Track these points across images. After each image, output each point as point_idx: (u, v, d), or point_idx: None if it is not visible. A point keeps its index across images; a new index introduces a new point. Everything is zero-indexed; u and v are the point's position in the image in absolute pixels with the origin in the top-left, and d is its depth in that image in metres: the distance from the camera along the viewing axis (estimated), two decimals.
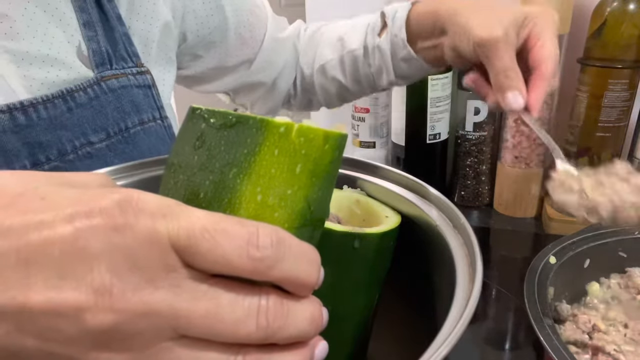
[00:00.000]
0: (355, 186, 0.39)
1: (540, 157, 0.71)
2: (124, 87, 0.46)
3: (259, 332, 0.19)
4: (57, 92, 0.41)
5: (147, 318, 0.18)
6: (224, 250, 0.18)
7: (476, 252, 0.29)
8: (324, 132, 0.23)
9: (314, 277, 0.21)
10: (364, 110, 0.80)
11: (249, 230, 0.19)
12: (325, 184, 0.24)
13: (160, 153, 0.50)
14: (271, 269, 0.19)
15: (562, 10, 0.62)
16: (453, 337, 0.23)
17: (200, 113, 0.24)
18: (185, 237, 0.18)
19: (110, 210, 0.18)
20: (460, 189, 0.80)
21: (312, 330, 0.21)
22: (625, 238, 0.51)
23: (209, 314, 0.18)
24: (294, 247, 0.20)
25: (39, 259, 0.17)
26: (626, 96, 0.62)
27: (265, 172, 0.22)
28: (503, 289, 0.59)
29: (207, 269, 0.18)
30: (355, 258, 0.33)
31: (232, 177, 0.22)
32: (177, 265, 0.18)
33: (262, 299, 0.19)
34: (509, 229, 0.73)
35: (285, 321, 0.19)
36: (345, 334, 0.35)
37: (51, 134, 0.41)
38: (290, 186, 0.23)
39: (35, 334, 0.17)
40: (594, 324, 0.45)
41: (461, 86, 0.74)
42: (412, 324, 0.35)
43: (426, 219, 0.34)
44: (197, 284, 0.18)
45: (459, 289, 0.27)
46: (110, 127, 0.45)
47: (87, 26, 0.44)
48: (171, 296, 0.18)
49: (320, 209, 0.24)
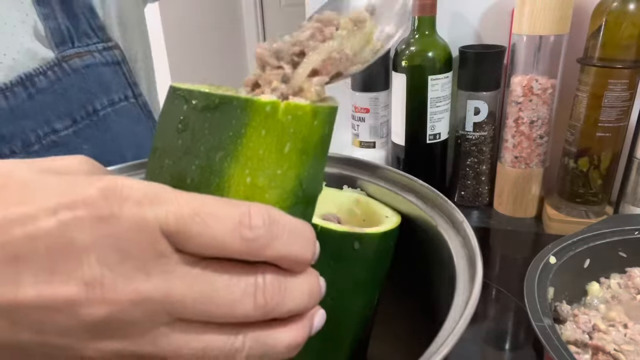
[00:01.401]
0: (355, 186, 0.39)
1: (540, 157, 0.71)
2: (88, 67, 0.42)
3: (257, 310, 0.19)
4: (15, 79, 0.38)
5: (141, 306, 0.17)
6: (215, 232, 0.18)
7: (476, 252, 0.29)
8: (312, 108, 0.22)
9: (309, 253, 0.20)
10: (364, 110, 0.80)
11: (241, 210, 0.18)
12: (316, 160, 0.24)
13: (135, 133, 0.47)
14: (265, 248, 0.19)
15: (562, 10, 0.62)
16: (453, 337, 0.23)
17: (181, 94, 0.23)
18: (175, 222, 0.18)
19: (95, 200, 0.17)
20: (460, 189, 0.80)
21: (312, 303, 0.21)
22: (625, 238, 0.51)
23: (203, 297, 0.18)
24: (287, 225, 0.19)
25: (26, 255, 0.17)
26: (626, 96, 0.62)
27: (253, 153, 0.22)
28: (503, 289, 0.59)
29: (199, 252, 0.18)
30: (355, 258, 0.33)
31: (218, 161, 0.21)
32: (168, 251, 0.18)
33: (259, 278, 0.19)
34: (509, 229, 0.73)
35: (283, 297, 0.19)
36: (345, 333, 0.35)
37: (13, 125, 0.39)
38: (280, 166, 0.22)
39: (30, 329, 0.17)
40: (594, 324, 0.45)
41: (461, 86, 0.74)
42: (412, 324, 0.35)
43: (426, 219, 0.34)
44: (189, 269, 0.18)
45: (459, 289, 0.27)
46: (75, 112, 0.42)
47: (41, 3, 0.41)
48: (164, 283, 0.18)
49: (312, 186, 0.24)
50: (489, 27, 0.75)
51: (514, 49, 0.68)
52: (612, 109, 0.62)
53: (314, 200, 0.25)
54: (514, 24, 0.67)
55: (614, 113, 0.63)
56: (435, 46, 0.71)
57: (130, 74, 0.46)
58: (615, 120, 0.63)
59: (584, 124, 0.65)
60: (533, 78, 0.67)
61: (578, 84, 0.65)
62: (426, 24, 0.71)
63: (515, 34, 0.67)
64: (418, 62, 0.72)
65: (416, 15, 0.70)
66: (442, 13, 0.73)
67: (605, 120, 0.63)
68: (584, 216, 0.69)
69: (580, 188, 0.69)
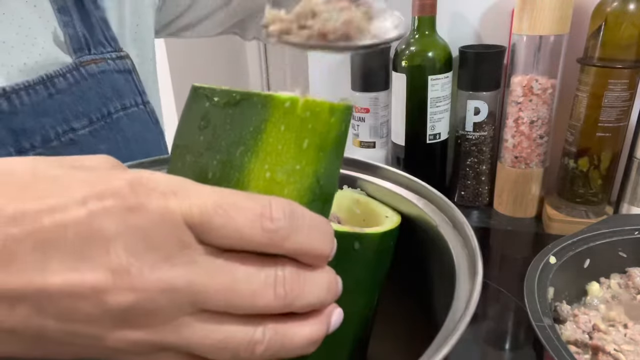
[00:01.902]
0: (355, 186, 0.39)
1: (540, 157, 0.71)
2: (103, 72, 0.45)
3: (277, 301, 0.19)
4: (37, 78, 0.41)
5: (166, 295, 0.18)
6: (238, 224, 0.18)
7: (476, 252, 0.29)
8: (330, 105, 0.23)
9: (328, 248, 0.21)
10: (364, 110, 0.80)
11: (262, 203, 0.19)
12: (333, 157, 0.24)
13: (145, 139, 0.50)
14: (285, 240, 0.19)
15: (562, 10, 0.62)
16: (453, 337, 0.23)
17: (203, 92, 0.23)
18: (199, 214, 0.18)
19: (122, 191, 0.18)
20: (460, 189, 0.80)
21: (330, 298, 0.21)
22: (625, 238, 0.51)
23: (226, 287, 0.19)
24: (307, 219, 0.20)
25: (55, 243, 0.17)
26: (626, 96, 0.62)
27: (273, 148, 0.22)
28: (503, 289, 0.59)
29: (222, 244, 0.19)
30: (356, 258, 0.33)
31: (239, 156, 0.22)
32: (192, 241, 0.18)
33: (279, 270, 0.19)
34: (509, 229, 0.73)
35: (303, 290, 0.20)
36: (345, 333, 0.35)
37: (34, 120, 0.41)
38: (299, 161, 0.22)
39: (55, 316, 0.18)
40: (594, 323, 0.45)
41: (461, 86, 0.74)
42: (412, 324, 0.35)
43: (426, 219, 0.34)
44: (212, 259, 0.19)
45: (459, 289, 0.27)
46: (92, 113, 0.44)
47: (62, 12, 0.44)
48: (188, 272, 0.18)
49: (329, 183, 0.24)
50: (489, 27, 0.75)
51: (514, 49, 0.68)
52: (612, 109, 0.62)
53: (330, 198, 0.25)
54: (514, 24, 0.67)
55: (614, 113, 0.63)
56: (435, 46, 0.71)
57: (140, 82, 0.49)
58: (615, 120, 0.63)
59: (584, 124, 0.65)
60: (533, 78, 0.67)
61: (578, 84, 0.65)
62: (426, 24, 0.71)
63: (515, 34, 0.68)
64: (418, 62, 0.72)
65: (416, 15, 0.70)
66: (442, 13, 0.73)
67: (605, 120, 0.63)
68: (584, 216, 0.69)
69: (580, 188, 0.69)
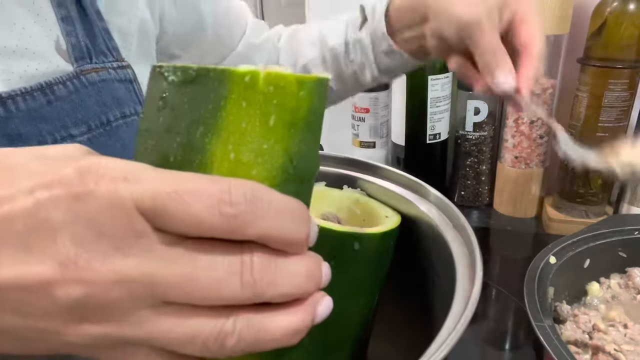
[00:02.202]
0: (355, 186, 0.39)
1: (540, 157, 0.71)
2: (104, 81, 0.45)
3: (245, 290, 0.18)
4: (36, 85, 0.41)
5: (120, 286, 0.17)
6: (193, 209, 0.17)
7: (476, 252, 0.29)
8: (297, 78, 0.21)
9: (301, 233, 0.19)
10: (364, 110, 0.80)
11: (220, 186, 0.18)
12: (307, 134, 0.22)
13: None
14: (248, 225, 0.18)
15: (562, 10, 0.62)
16: (453, 337, 0.23)
17: (160, 71, 0.22)
18: (151, 199, 0.17)
19: (70, 179, 0.17)
20: (460, 189, 0.80)
21: (310, 286, 0.20)
22: (625, 238, 0.51)
23: (186, 277, 0.17)
24: (273, 202, 0.18)
25: (4, 235, 0.17)
26: (626, 96, 0.62)
27: (235, 127, 0.20)
28: (503, 289, 0.59)
29: (179, 231, 0.18)
30: (356, 258, 0.33)
31: (200, 137, 0.20)
32: (146, 230, 0.17)
33: (245, 256, 0.18)
34: (509, 229, 0.73)
35: (275, 277, 0.18)
36: (345, 334, 0.35)
37: (30, 126, 0.41)
38: (266, 140, 0.21)
39: (11, 310, 0.17)
40: (594, 323, 0.45)
41: (461, 86, 0.74)
42: (412, 324, 0.35)
43: (426, 219, 0.34)
44: (170, 248, 0.18)
45: (459, 289, 0.27)
46: (91, 121, 0.44)
47: (65, 21, 0.44)
48: (144, 262, 0.17)
49: (305, 162, 0.22)
50: None
51: None
52: (612, 109, 0.62)
53: (309, 179, 0.23)
54: None
55: (614, 113, 0.63)
56: None
57: (141, 91, 0.49)
58: (615, 120, 0.63)
59: (584, 124, 0.65)
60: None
61: (578, 84, 0.65)
62: None
63: None
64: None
65: None
66: None
67: (605, 120, 0.63)
68: (584, 216, 0.69)
69: (580, 188, 0.69)
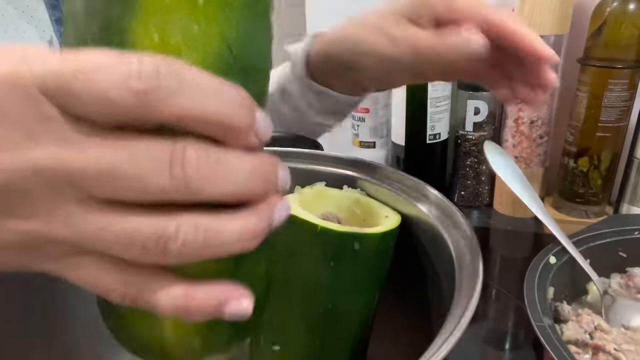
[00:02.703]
0: (355, 186, 0.39)
1: (540, 157, 0.71)
2: None
3: (174, 183, 0.16)
4: None
5: (36, 175, 0.16)
6: (99, 86, 0.15)
7: (476, 252, 0.29)
8: None
9: (243, 118, 0.17)
10: (364, 110, 0.80)
11: (130, 61, 0.16)
12: (248, 18, 0.20)
13: None
14: (162, 102, 0.16)
15: (562, 10, 0.62)
16: (453, 337, 0.23)
17: None
18: (53, 78, 0.16)
19: None
20: (460, 189, 0.80)
21: (259, 185, 0.18)
22: (625, 238, 0.51)
23: (106, 167, 0.16)
24: (196, 79, 0.16)
25: None
26: (626, 96, 0.62)
27: (158, 5, 0.18)
28: (503, 289, 0.59)
29: (88, 113, 0.16)
30: (355, 258, 0.33)
31: (118, 17, 0.18)
32: (54, 113, 0.16)
33: (178, 147, 0.16)
34: (509, 229, 0.73)
35: (213, 173, 0.17)
36: (345, 334, 0.35)
37: None
38: (196, 21, 0.18)
39: None
40: (597, 323, 0.45)
41: (461, 86, 0.74)
42: (412, 324, 0.35)
43: (426, 219, 0.34)
44: (87, 136, 0.16)
45: (459, 289, 0.27)
46: None
47: (59, 22, 0.44)
48: (55, 149, 0.16)
49: (248, 51, 0.20)
50: None
51: None
52: (612, 109, 0.62)
53: (255, 73, 0.21)
54: None
55: (614, 113, 0.63)
56: None
57: None
58: (615, 120, 0.63)
59: (584, 124, 0.65)
60: None
61: (578, 84, 0.65)
62: None
63: None
64: None
65: None
66: None
67: (605, 120, 0.63)
68: (584, 216, 0.69)
69: (580, 188, 0.69)
